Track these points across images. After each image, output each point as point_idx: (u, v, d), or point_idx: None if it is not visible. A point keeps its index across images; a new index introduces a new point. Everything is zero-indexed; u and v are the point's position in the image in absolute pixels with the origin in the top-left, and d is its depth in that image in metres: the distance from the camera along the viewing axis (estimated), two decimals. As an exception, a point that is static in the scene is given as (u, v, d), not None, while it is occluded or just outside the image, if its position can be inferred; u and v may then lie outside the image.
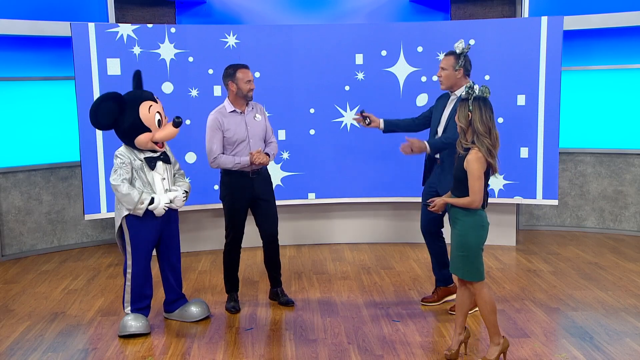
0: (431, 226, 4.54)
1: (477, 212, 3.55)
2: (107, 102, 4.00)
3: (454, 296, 4.63)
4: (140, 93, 4.15)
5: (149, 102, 4.08)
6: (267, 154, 4.51)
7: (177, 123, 4.10)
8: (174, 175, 4.31)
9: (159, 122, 4.09)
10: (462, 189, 3.55)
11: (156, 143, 4.10)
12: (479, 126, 3.46)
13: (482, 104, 3.48)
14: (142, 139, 4.05)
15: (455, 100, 4.35)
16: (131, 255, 4.13)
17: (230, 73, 4.47)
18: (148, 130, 4.04)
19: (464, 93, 3.54)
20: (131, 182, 4.05)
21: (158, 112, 4.10)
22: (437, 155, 4.42)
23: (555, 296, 4.81)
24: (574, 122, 6.87)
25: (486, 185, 3.57)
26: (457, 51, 4.27)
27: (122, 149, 4.10)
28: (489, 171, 3.54)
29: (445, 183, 4.31)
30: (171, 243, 4.31)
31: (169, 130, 4.11)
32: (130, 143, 4.08)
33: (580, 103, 6.85)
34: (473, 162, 3.46)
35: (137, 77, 4.24)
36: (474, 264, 3.56)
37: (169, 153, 4.26)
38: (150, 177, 4.10)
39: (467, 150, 3.52)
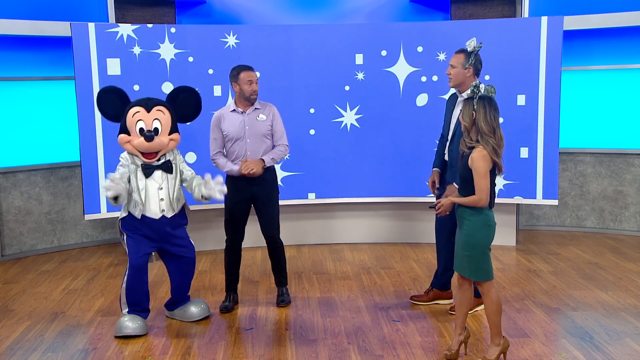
0: (445, 228, 4.51)
1: (485, 212, 3.53)
2: (109, 95, 4.14)
3: (445, 301, 4.64)
4: (139, 99, 4.18)
5: (137, 108, 4.09)
6: (262, 160, 4.48)
7: (146, 137, 4.04)
8: (182, 182, 4.28)
9: (141, 131, 4.07)
10: (468, 188, 3.53)
11: (143, 153, 4.09)
12: (483, 126, 3.44)
13: (487, 104, 3.46)
14: (120, 138, 4.13)
15: (461, 102, 4.31)
16: (128, 256, 4.16)
17: (234, 74, 4.53)
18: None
19: (469, 91, 3.52)
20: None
21: (141, 120, 4.07)
22: (446, 158, 4.40)
23: (555, 296, 4.81)
24: (574, 122, 6.87)
25: (493, 184, 3.55)
26: (469, 49, 4.22)
27: (125, 153, 4.18)
28: (494, 170, 3.53)
29: (450, 184, 4.31)
30: (176, 249, 4.28)
31: (139, 140, 4.06)
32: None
33: (580, 103, 6.85)
34: (478, 159, 3.44)
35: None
36: (480, 264, 3.54)
37: (177, 163, 4.25)
38: (142, 184, 4.11)
39: (471, 148, 3.50)
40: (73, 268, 5.83)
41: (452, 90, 4.47)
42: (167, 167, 4.18)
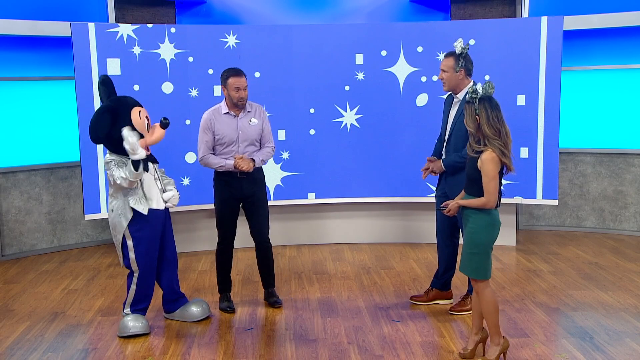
0: (446, 228, 4.53)
1: (490, 211, 3.55)
2: (103, 116, 3.97)
3: (445, 301, 4.64)
4: (126, 99, 4.10)
5: (138, 108, 4.07)
6: (253, 160, 4.45)
7: (164, 124, 4.06)
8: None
9: (148, 126, 4.08)
10: (475, 188, 3.54)
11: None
12: (487, 130, 3.44)
13: (488, 105, 3.45)
14: (139, 144, 3.99)
15: (458, 104, 4.32)
16: (136, 261, 4.11)
17: (223, 78, 4.46)
18: (141, 136, 4.01)
19: (467, 96, 3.51)
20: None
21: (146, 117, 4.08)
22: (443, 158, 4.42)
23: (555, 296, 4.81)
24: (574, 122, 6.87)
25: (499, 184, 3.55)
26: (457, 51, 4.23)
27: (111, 155, 4.04)
28: (502, 170, 3.53)
29: (452, 184, 4.31)
30: (166, 242, 4.28)
31: (158, 133, 4.07)
32: (123, 151, 3.97)
33: (580, 103, 6.85)
34: (488, 162, 3.44)
35: (109, 82, 4.13)
36: (481, 262, 3.55)
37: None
38: (145, 180, 4.09)
39: (478, 152, 3.49)
40: (73, 268, 5.83)
41: None
42: (153, 157, 4.18)
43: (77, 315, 4.58)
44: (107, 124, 3.96)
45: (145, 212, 4.05)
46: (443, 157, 4.43)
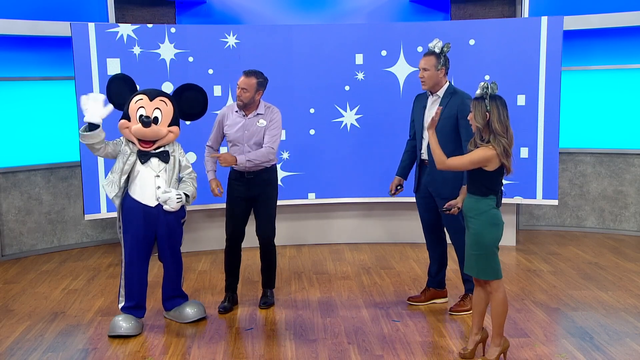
0: (434, 228, 4.54)
1: (491, 211, 3.54)
2: (118, 82, 4.20)
3: (442, 299, 4.65)
4: (144, 89, 4.23)
5: (141, 96, 4.13)
6: (236, 158, 4.38)
7: (143, 122, 4.05)
8: (180, 179, 4.30)
9: (140, 117, 4.08)
10: (477, 186, 3.55)
11: (140, 141, 4.11)
12: (497, 126, 3.45)
13: (499, 103, 3.48)
14: (120, 123, 4.15)
15: (435, 101, 4.35)
16: (123, 248, 4.18)
17: None
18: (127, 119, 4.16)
19: (478, 91, 3.52)
20: (114, 155, 4.18)
21: (142, 107, 4.09)
22: (425, 157, 4.40)
23: (555, 296, 4.81)
24: (574, 122, 6.87)
25: (499, 184, 3.57)
26: (437, 50, 4.27)
27: (123, 137, 4.22)
28: (502, 171, 3.53)
29: (438, 181, 4.30)
30: (166, 240, 4.25)
31: (136, 126, 4.08)
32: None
33: (580, 103, 6.86)
34: (481, 151, 3.45)
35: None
36: (489, 263, 3.54)
37: (177, 155, 4.25)
38: (139, 170, 4.12)
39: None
40: (73, 268, 5.83)
41: None
42: (164, 156, 4.18)
43: (77, 315, 4.58)
44: (121, 93, 4.19)
45: (110, 195, 4.15)
46: (424, 155, 4.38)
